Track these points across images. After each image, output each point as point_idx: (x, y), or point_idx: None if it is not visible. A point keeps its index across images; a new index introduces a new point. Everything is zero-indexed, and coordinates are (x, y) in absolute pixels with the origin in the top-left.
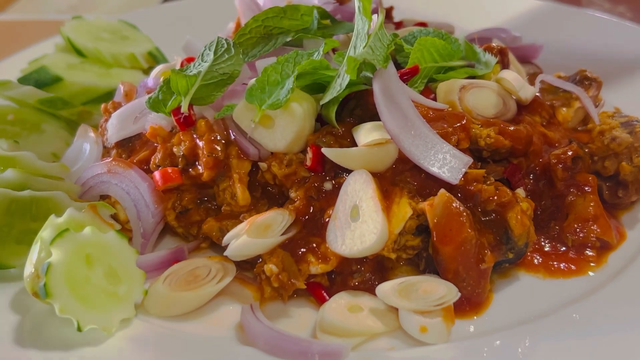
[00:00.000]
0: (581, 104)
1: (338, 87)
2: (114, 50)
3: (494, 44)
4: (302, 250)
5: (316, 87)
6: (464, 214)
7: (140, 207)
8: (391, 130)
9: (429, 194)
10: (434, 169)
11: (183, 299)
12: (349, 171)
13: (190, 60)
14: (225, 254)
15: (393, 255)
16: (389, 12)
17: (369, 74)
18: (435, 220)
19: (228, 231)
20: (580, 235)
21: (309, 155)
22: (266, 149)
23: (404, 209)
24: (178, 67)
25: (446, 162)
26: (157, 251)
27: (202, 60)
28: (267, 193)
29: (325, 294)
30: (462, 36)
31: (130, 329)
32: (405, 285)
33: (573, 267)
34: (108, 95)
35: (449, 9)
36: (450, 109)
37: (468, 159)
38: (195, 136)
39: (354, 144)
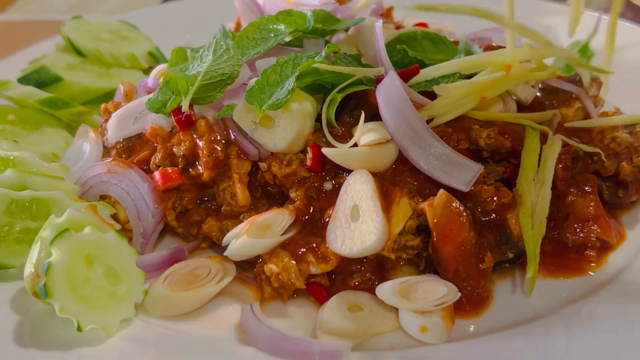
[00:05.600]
0: (581, 104)
1: None
2: (114, 50)
3: (494, 44)
4: (302, 250)
5: (316, 87)
6: (464, 214)
7: (140, 207)
8: (399, 141)
9: (429, 194)
10: (444, 178)
11: (183, 299)
12: (349, 171)
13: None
14: (225, 254)
15: (393, 255)
16: (389, 12)
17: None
18: (435, 220)
19: (228, 231)
20: (580, 235)
21: (309, 155)
22: (266, 149)
23: (404, 209)
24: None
25: (456, 170)
26: (157, 251)
27: (200, 61)
28: (267, 193)
29: (325, 294)
30: (462, 36)
31: (130, 329)
32: (405, 285)
33: (573, 267)
34: (108, 95)
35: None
36: None
37: (478, 167)
38: (195, 136)
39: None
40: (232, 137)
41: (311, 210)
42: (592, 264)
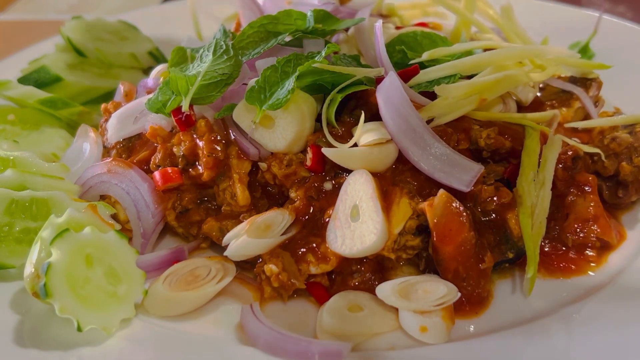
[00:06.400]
0: (581, 104)
1: None
2: (114, 50)
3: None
4: (302, 250)
5: (316, 87)
6: (464, 214)
7: (140, 207)
8: (399, 142)
9: (429, 194)
10: (445, 179)
11: (183, 299)
12: (349, 171)
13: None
14: (225, 254)
15: (393, 256)
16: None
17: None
18: (435, 220)
19: (228, 231)
20: (580, 235)
21: (309, 155)
22: (266, 149)
23: (404, 209)
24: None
25: (456, 170)
26: (157, 251)
27: (200, 61)
28: (267, 193)
29: (325, 294)
30: (462, 36)
31: (130, 329)
32: (405, 285)
33: (573, 267)
34: (108, 95)
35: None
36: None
37: (479, 167)
38: (195, 136)
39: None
40: (232, 137)
41: (311, 210)
42: (592, 264)
